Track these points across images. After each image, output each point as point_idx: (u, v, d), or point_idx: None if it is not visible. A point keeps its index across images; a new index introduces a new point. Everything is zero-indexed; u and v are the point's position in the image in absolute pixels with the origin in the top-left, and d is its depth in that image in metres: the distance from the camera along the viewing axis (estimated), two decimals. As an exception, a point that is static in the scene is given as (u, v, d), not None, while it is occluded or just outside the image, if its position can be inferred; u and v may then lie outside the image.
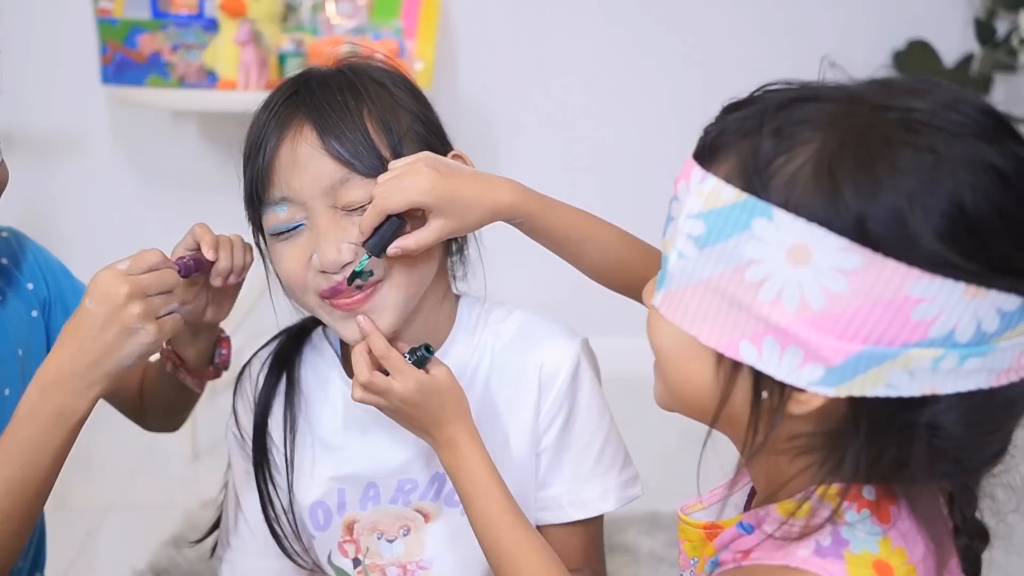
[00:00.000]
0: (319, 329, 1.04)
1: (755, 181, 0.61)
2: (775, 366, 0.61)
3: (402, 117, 0.91)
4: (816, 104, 0.62)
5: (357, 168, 0.87)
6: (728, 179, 0.62)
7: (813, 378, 0.60)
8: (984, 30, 2.52)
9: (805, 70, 0.69)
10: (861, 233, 0.58)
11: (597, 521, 1.01)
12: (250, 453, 1.01)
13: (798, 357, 0.60)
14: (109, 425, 1.43)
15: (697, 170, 0.64)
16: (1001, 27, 2.54)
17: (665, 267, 0.67)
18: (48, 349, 1.07)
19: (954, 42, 2.55)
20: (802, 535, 0.64)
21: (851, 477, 0.63)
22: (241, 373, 1.07)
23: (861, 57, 0.67)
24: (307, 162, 0.87)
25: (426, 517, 1.00)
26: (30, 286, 1.06)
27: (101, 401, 1.14)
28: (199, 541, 1.09)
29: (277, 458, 1.01)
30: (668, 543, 1.84)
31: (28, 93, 2.53)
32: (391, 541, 1.00)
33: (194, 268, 0.98)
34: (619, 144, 2.70)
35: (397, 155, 0.88)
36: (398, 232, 0.85)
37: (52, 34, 2.50)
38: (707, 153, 0.65)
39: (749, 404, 0.64)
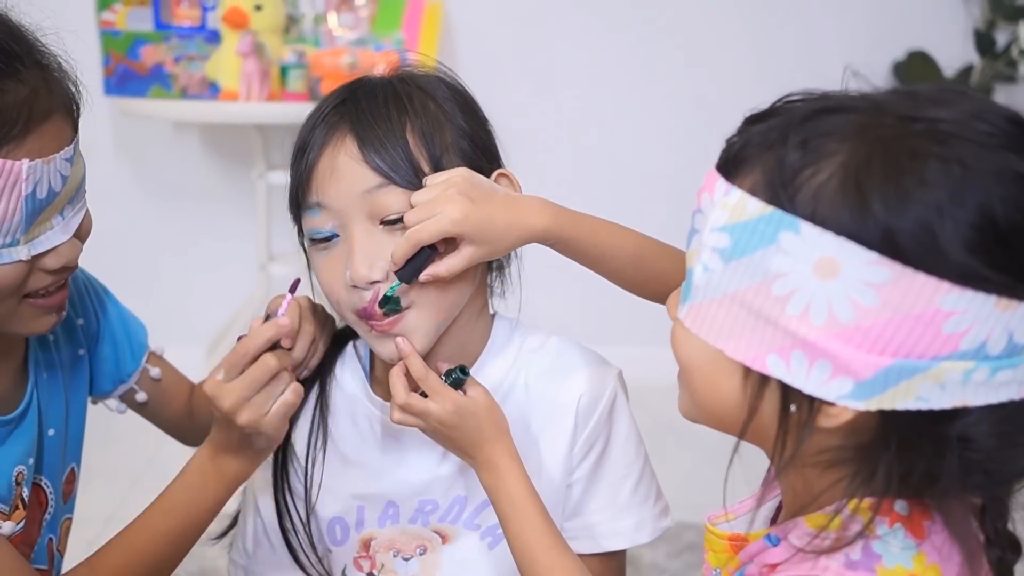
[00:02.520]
0: (352, 342, 1.03)
1: (781, 194, 0.60)
2: (803, 380, 0.61)
3: (447, 132, 0.90)
4: (841, 115, 0.61)
5: (395, 180, 0.87)
6: (753, 192, 0.62)
7: (842, 392, 0.60)
8: (984, 41, 2.53)
9: (806, 80, 0.68)
10: (890, 246, 0.57)
11: (623, 553, 1.00)
12: (270, 461, 1.00)
13: (827, 371, 0.60)
14: (109, 436, 1.43)
15: (721, 182, 0.64)
16: (1001, 38, 2.55)
17: (690, 280, 0.66)
18: (89, 386, 1.09)
19: (954, 53, 2.55)
20: (832, 548, 0.63)
21: (883, 491, 0.62)
22: None
23: (861, 68, 0.66)
24: (344, 171, 0.87)
25: (444, 538, 0.99)
26: (80, 322, 1.07)
27: (101, 412, 1.14)
28: (220, 537, 1.08)
29: (298, 469, 1.00)
30: (669, 555, 1.84)
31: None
32: (407, 559, 0.99)
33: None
34: (622, 153, 2.71)
35: (437, 169, 0.88)
36: (430, 259, 0.86)
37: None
38: (731, 165, 0.64)
39: (777, 417, 0.63)
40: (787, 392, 0.62)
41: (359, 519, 0.99)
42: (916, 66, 2.53)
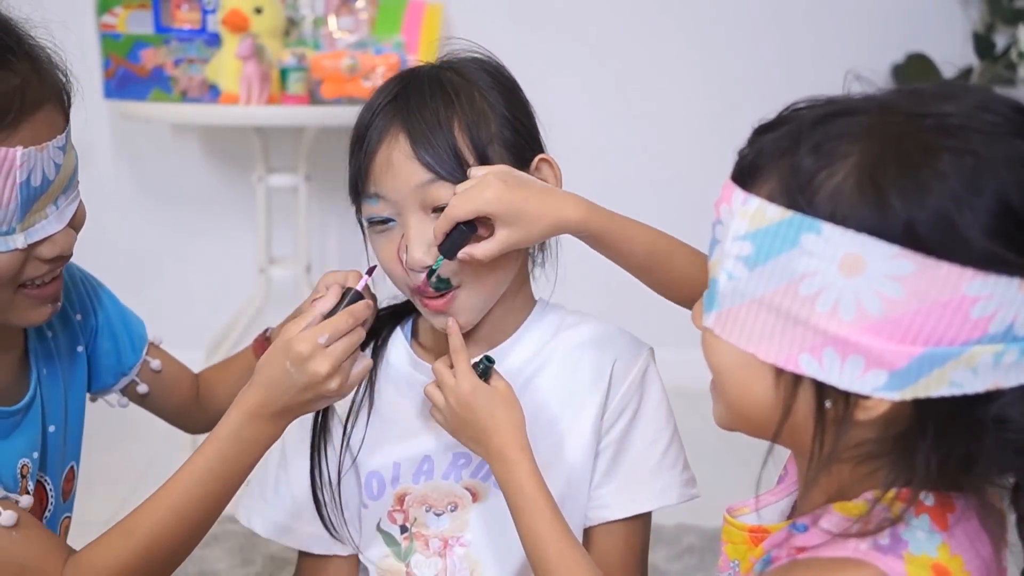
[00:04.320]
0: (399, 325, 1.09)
1: (799, 198, 0.62)
2: (837, 376, 0.62)
3: (491, 122, 0.98)
4: (850, 117, 0.63)
5: (443, 175, 0.94)
6: (771, 198, 0.64)
7: (877, 384, 0.61)
8: (983, 44, 2.54)
9: (806, 84, 0.69)
10: (911, 239, 0.59)
11: (647, 525, 1.04)
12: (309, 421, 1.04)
13: (860, 365, 0.61)
14: (109, 439, 1.43)
15: (738, 192, 0.66)
16: (1000, 41, 2.56)
17: (714, 288, 0.68)
18: (89, 382, 1.09)
19: (953, 56, 2.56)
20: (862, 533, 0.64)
21: (921, 479, 0.64)
22: None
23: (860, 70, 0.68)
24: (399, 167, 0.95)
25: (474, 496, 1.03)
26: (78, 317, 1.07)
27: (103, 415, 1.15)
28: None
29: (335, 428, 1.05)
30: (669, 557, 1.84)
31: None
32: (439, 515, 1.04)
33: None
34: (620, 156, 2.71)
35: (483, 161, 0.96)
36: (468, 238, 0.93)
37: (61, 46, 2.51)
38: (746, 175, 0.66)
39: (812, 416, 0.65)
40: (821, 389, 0.64)
41: (395, 475, 1.04)
42: (915, 69, 2.54)
